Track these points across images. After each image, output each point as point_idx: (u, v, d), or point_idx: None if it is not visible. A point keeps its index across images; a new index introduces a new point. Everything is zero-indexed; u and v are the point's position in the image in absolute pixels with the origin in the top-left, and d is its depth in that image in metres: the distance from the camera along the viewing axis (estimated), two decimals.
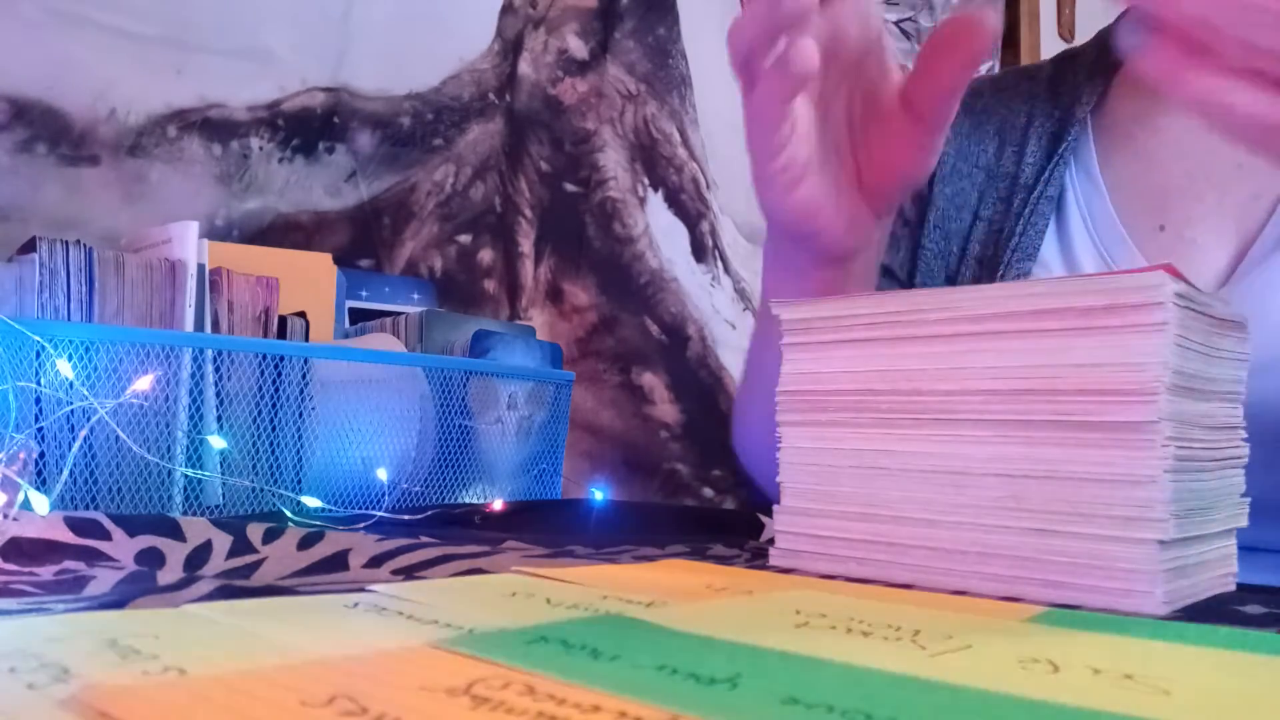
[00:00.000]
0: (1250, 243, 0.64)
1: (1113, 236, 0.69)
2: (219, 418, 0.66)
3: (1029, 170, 0.74)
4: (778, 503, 0.46)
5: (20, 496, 0.48)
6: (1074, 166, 0.73)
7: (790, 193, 0.49)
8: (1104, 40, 0.78)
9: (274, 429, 0.69)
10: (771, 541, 0.46)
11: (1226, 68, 0.39)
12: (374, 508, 0.65)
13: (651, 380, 1.38)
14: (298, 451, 0.70)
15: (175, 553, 0.45)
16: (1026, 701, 0.21)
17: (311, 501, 0.63)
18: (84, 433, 0.59)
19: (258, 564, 0.44)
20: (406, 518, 0.64)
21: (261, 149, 1.05)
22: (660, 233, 1.40)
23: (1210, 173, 0.68)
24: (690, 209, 1.43)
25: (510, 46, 1.26)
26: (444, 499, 0.77)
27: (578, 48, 1.33)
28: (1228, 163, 0.67)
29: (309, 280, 0.83)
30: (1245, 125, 0.40)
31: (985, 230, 0.74)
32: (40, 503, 0.49)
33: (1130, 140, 0.72)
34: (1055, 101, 0.76)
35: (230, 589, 0.35)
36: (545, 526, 0.68)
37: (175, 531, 0.47)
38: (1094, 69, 0.76)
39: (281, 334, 0.74)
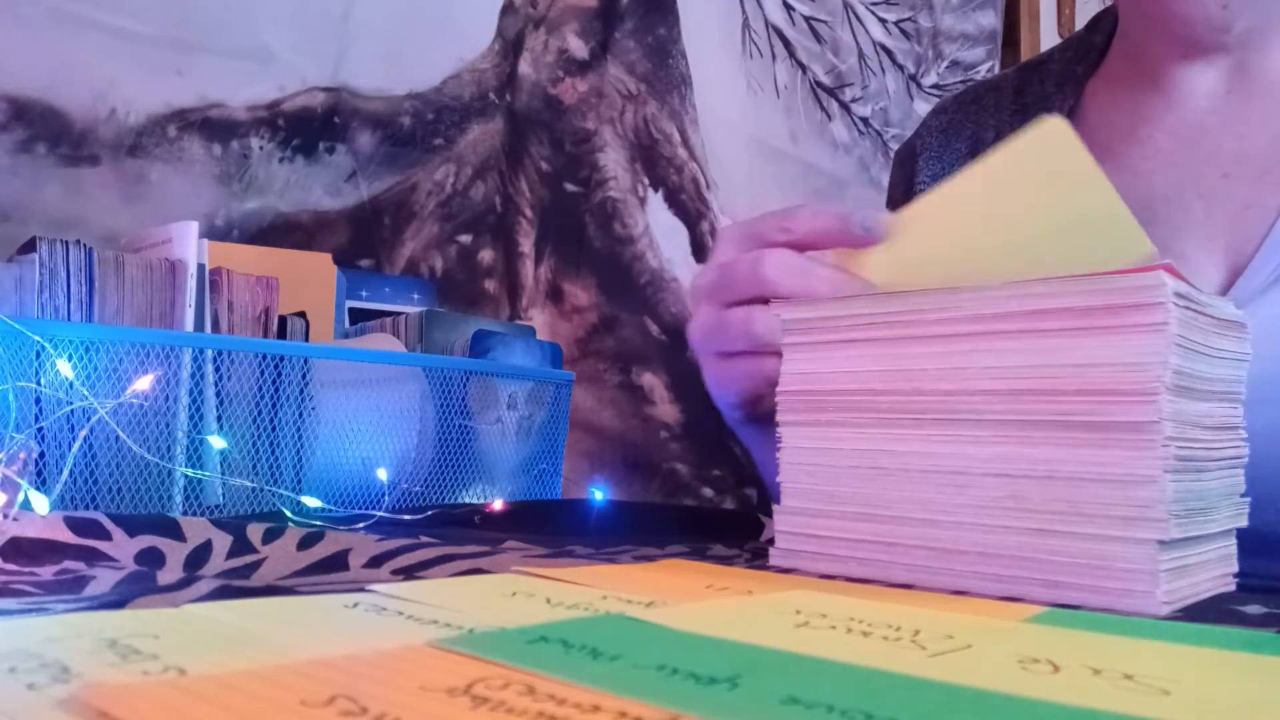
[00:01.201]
0: (1243, 257, 0.62)
1: None
2: (219, 418, 0.66)
3: None
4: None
5: (20, 496, 0.48)
6: None
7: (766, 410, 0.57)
8: (1073, 47, 0.76)
9: (274, 429, 0.69)
10: (771, 541, 0.46)
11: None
12: (374, 508, 0.65)
13: (651, 380, 1.38)
14: (298, 451, 0.70)
15: (175, 553, 0.45)
16: (1026, 701, 0.21)
17: (311, 501, 0.63)
18: (84, 433, 0.59)
19: (258, 564, 0.44)
20: (406, 518, 0.64)
21: (261, 149, 1.05)
22: (660, 233, 1.40)
23: (1197, 182, 0.66)
24: (690, 209, 1.43)
25: (510, 46, 1.26)
26: (444, 499, 0.77)
27: (578, 48, 1.33)
28: (1215, 172, 0.65)
29: (309, 280, 0.83)
30: None
31: None
32: (40, 503, 0.49)
33: (1110, 154, 0.69)
34: (1023, 115, 0.74)
35: (230, 589, 0.35)
36: (545, 526, 0.68)
37: (175, 531, 0.47)
38: (1063, 78, 0.74)
39: (281, 334, 0.74)
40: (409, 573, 0.42)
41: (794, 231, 0.52)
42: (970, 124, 0.76)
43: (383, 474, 0.71)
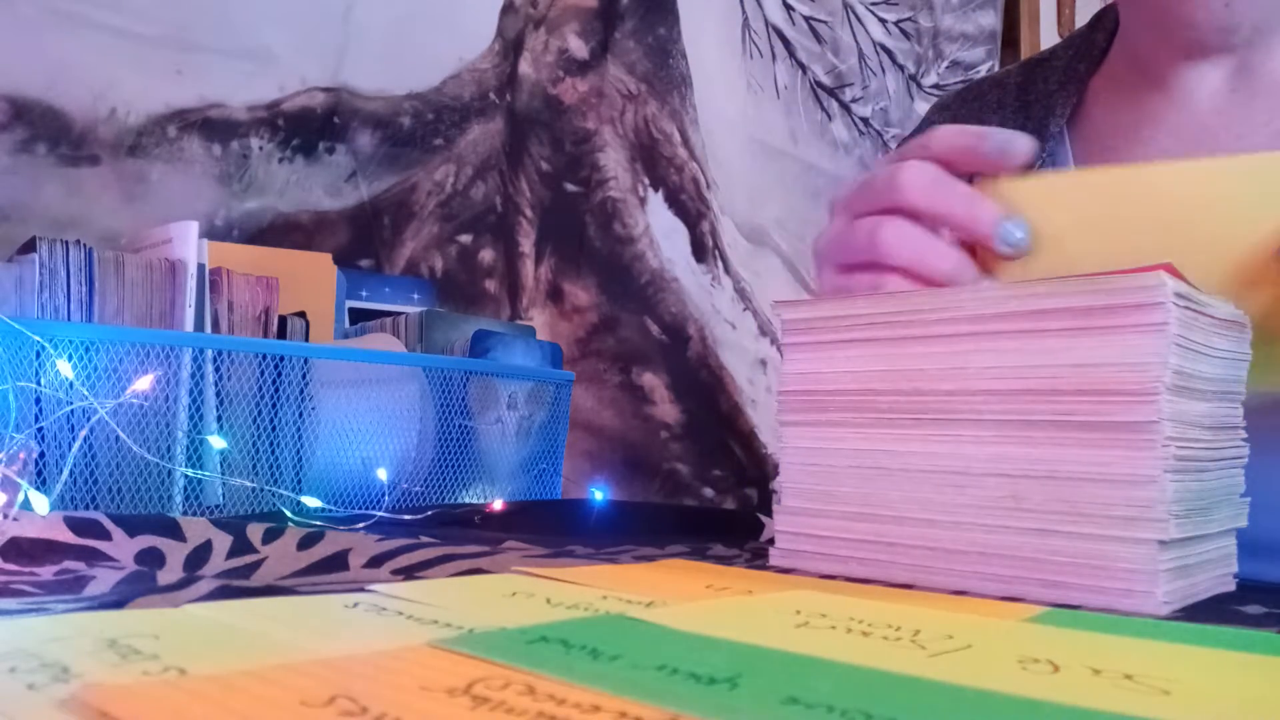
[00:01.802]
0: None
1: None
2: (219, 418, 0.66)
3: None
4: None
5: (20, 496, 0.48)
6: None
7: None
8: (1076, 45, 0.76)
9: (274, 429, 0.69)
10: (771, 541, 0.46)
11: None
12: (374, 508, 0.65)
13: (652, 380, 1.38)
14: (298, 451, 0.70)
15: (175, 553, 0.45)
16: (1026, 701, 0.21)
17: (311, 501, 0.63)
18: (84, 433, 0.59)
19: (258, 564, 0.44)
20: (406, 518, 0.64)
21: (261, 149, 1.05)
22: (660, 233, 1.40)
23: None
24: (690, 209, 1.43)
25: (511, 46, 1.26)
26: (444, 499, 0.77)
27: (578, 48, 1.33)
28: None
29: (309, 280, 0.83)
30: None
31: None
32: (40, 503, 0.49)
33: (1113, 153, 0.69)
34: (1026, 112, 0.73)
35: (230, 589, 0.35)
36: (545, 526, 0.68)
37: (175, 531, 0.47)
38: (1066, 76, 0.73)
39: (281, 334, 0.74)
40: (409, 573, 0.42)
41: (931, 147, 0.50)
42: (972, 121, 0.76)
43: (383, 474, 0.71)
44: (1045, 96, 0.73)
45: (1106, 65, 0.74)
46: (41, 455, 0.59)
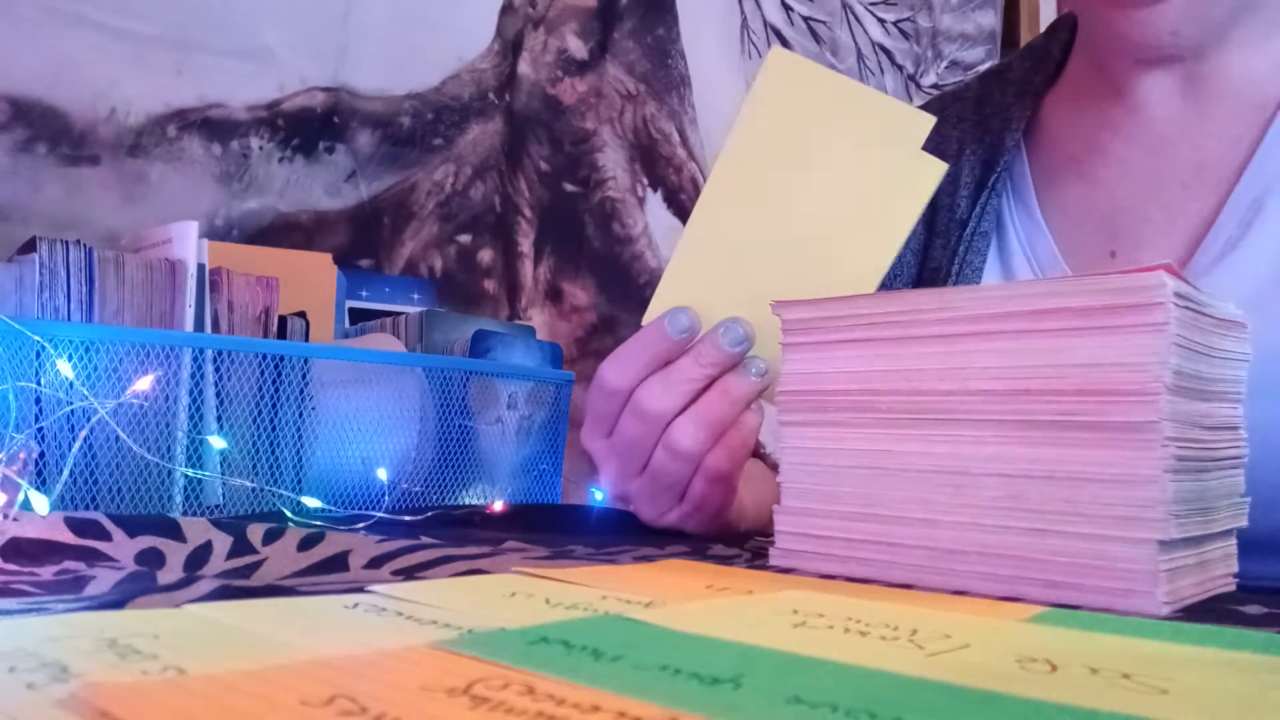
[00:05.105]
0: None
1: (1055, 271, 0.66)
2: (219, 418, 0.66)
3: (963, 203, 0.70)
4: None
5: (20, 496, 0.48)
6: (1010, 196, 0.70)
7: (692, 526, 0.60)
8: (1033, 56, 0.75)
9: (274, 429, 0.69)
10: (772, 541, 0.46)
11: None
12: (374, 508, 0.65)
13: None
14: (298, 451, 0.70)
15: (175, 553, 0.45)
16: (1025, 701, 0.21)
17: (311, 502, 0.63)
18: (84, 433, 0.59)
19: (258, 564, 0.44)
20: (407, 518, 0.64)
21: (261, 149, 1.05)
22: (659, 233, 1.40)
23: (1158, 192, 0.65)
24: (689, 209, 1.43)
25: (510, 46, 1.26)
26: (444, 500, 0.77)
27: (577, 48, 1.33)
28: (1174, 182, 0.64)
29: (309, 280, 0.83)
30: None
31: (928, 270, 0.72)
32: (40, 503, 0.49)
33: (1074, 162, 0.69)
34: (984, 125, 0.73)
35: (230, 589, 0.35)
36: (545, 527, 0.68)
37: (175, 532, 0.47)
38: (1023, 87, 0.72)
39: (281, 334, 0.74)
40: (409, 573, 0.42)
41: (623, 389, 0.55)
42: (935, 136, 0.76)
43: (383, 474, 0.71)
44: (1002, 109, 0.73)
45: (1066, 74, 0.73)
46: (41, 455, 0.59)
